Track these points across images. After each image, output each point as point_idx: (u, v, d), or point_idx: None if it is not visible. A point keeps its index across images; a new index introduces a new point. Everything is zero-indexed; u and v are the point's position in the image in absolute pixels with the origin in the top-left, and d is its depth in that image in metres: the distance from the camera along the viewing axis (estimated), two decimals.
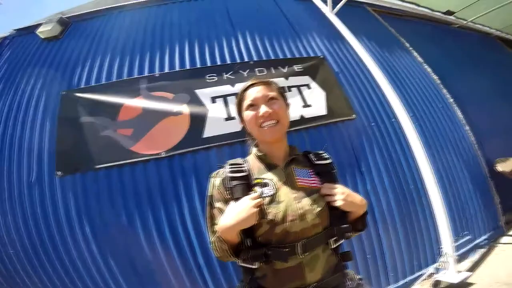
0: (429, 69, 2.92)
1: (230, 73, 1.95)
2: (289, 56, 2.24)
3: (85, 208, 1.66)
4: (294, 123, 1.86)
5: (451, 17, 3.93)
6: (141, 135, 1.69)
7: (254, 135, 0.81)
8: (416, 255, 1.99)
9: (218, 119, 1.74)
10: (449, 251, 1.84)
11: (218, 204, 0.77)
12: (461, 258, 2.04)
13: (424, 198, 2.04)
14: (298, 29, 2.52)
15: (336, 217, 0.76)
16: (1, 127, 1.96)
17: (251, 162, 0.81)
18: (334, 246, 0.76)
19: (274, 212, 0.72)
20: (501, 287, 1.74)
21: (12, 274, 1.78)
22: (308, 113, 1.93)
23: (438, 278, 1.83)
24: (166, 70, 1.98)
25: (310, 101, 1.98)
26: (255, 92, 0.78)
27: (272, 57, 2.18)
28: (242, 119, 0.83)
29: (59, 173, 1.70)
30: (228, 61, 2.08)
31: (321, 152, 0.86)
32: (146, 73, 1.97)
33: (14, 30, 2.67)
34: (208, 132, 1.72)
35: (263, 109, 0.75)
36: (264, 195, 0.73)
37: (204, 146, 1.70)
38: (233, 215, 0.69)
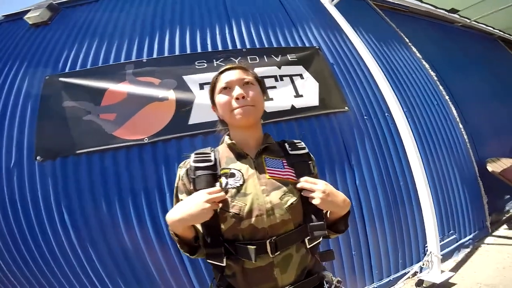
0: (427, 65, 2.92)
1: (220, 60, 1.92)
2: (283, 45, 2.20)
3: (64, 195, 1.62)
4: (284, 113, 1.83)
5: (455, 15, 3.92)
6: (124, 120, 1.66)
7: (226, 120, 0.77)
8: (402, 253, 1.99)
9: (205, 106, 1.71)
10: (434, 250, 1.86)
11: (181, 196, 0.74)
12: (445, 257, 2.05)
13: (413, 195, 2.04)
14: (295, 18, 2.48)
15: (310, 213, 0.71)
16: None
17: (221, 152, 0.77)
18: (310, 245, 0.72)
19: (239, 205, 0.67)
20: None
21: None
22: (300, 103, 1.89)
23: (421, 277, 1.84)
24: (155, 55, 1.95)
25: (302, 91, 1.95)
26: (230, 75, 0.75)
27: (266, 46, 2.15)
28: (214, 104, 0.80)
29: (38, 158, 1.67)
30: (220, 48, 2.04)
31: (296, 141, 0.82)
32: (133, 59, 1.93)
33: (3, 16, 2.65)
34: (194, 119, 1.68)
35: (237, 90, 0.72)
36: (229, 186, 0.69)
37: (190, 132, 1.66)
38: (182, 209, 0.64)
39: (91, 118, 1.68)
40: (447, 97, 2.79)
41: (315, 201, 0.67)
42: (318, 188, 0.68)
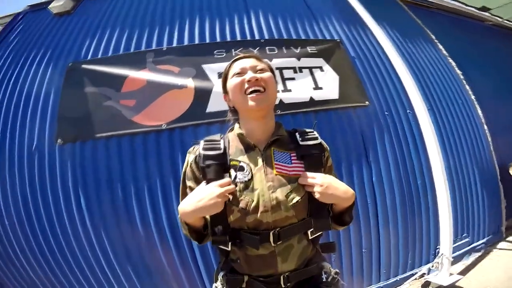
0: (453, 63, 2.86)
1: (239, 49, 1.96)
2: (303, 37, 2.21)
3: (81, 178, 1.71)
4: (303, 104, 1.84)
5: (486, 13, 3.80)
6: (143, 106, 1.73)
7: (237, 104, 0.76)
8: (412, 254, 1.97)
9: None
10: (446, 253, 1.83)
11: (189, 183, 0.76)
12: (455, 260, 2.01)
13: (430, 195, 2.01)
14: (315, 10, 2.48)
15: (315, 208, 0.72)
16: (7, 97, 2.06)
17: (231, 140, 0.77)
18: (312, 237, 0.74)
19: (246, 200, 0.69)
20: None
21: (6, 247, 1.86)
22: (319, 95, 1.89)
23: (428, 279, 1.83)
24: (175, 44, 2.01)
25: (322, 83, 1.95)
26: (244, 62, 0.75)
27: (285, 37, 2.16)
28: (226, 93, 0.80)
29: (59, 141, 1.76)
30: (239, 38, 2.08)
31: (309, 130, 0.80)
32: (154, 47, 2.00)
33: (28, 6, 2.82)
34: (212, 107, 1.72)
35: (250, 73, 0.72)
36: (238, 180, 0.70)
37: (207, 120, 1.70)
38: (194, 201, 0.67)
39: (111, 104, 1.76)
40: (473, 97, 2.72)
41: (316, 196, 0.68)
42: (316, 182, 0.68)
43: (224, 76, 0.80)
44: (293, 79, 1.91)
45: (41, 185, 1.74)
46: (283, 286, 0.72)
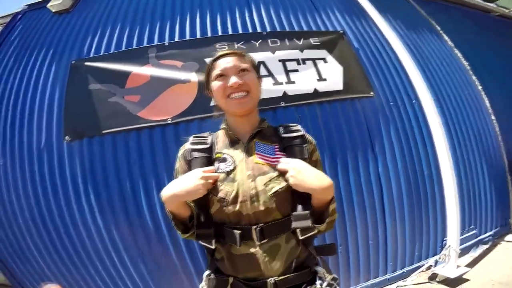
0: (459, 54, 2.88)
1: (241, 42, 2.01)
2: (305, 29, 2.24)
3: (91, 175, 1.78)
4: (307, 96, 1.88)
5: (492, 4, 3.81)
6: (148, 102, 1.78)
7: (221, 107, 0.79)
8: (419, 246, 2.01)
9: None
10: (453, 244, 1.87)
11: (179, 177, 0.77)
12: (462, 252, 2.05)
13: (437, 186, 2.04)
14: (317, 2, 2.49)
15: (298, 202, 0.70)
16: (13, 98, 2.12)
17: (219, 136, 0.81)
18: (302, 237, 0.70)
19: (226, 190, 0.70)
20: (495, 285, 1.77)
21: (21, 244, 1.94)
22: (323, 87, 1.93)
23: (435, 271, 1.87)
24: (176, 39, 2.05)
25: (326, 75, 1.99)
26: (225, 62, 0.75)
27: (287, 29, 2.19)
28: (210, 91, 0.81)
29: (67, 138, 1.83)
30: (240, 31, 2.12)
31: (291, 124, 0.81)
32: (156, 42, 2.04)
33: (26, 5, 2.88)
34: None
35: (233, 79, 0.72)
36: (220, 170, 0.72)
37: (212, 114, 1.76)
38: (177, 184, 0.68)
39: (116, 100, 1.82)
40: (480, 87, 2.75)
41: (290, 181, 0.67)
42: (289, 167, 0.68)
43: (206, 74, 0.81)
44: (296, 71, 1.95)
45: (52, 182, 1.82)
46: None
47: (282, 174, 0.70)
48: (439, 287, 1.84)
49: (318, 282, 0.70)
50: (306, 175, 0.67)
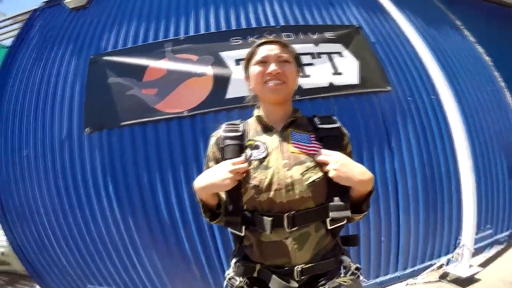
0: (481, 50, 2.82)
1: (255, 36, 2.04)
2: (320, 23, 2.25)
3: (109, 165, 1.86)
4: (322, 90, 1.89)
5: None
6: (165, 95, 1.85)
7: (256, 92, 0.80)
8: (432, 244, 1.99)
9: (242, 81, 1.84)
10: (467, 244, 1.85)
11: (211, 164, 0.80)
12: (476, 252, 2.02)
13: (455, 184, 2.01)
14: None
15: (334, 193, 0.71)
16: (35, 91, 2.24)
17: (250, 124, 0.82)
18: (331, 227, 0.72)
19: (259, 177, 0.71)
20: (506, 286, 1.75)
21: (41, 233, 2.05)
22: (338, 81, 1.94)
23: (447, 270, 1.85)
24: (191, 33, 2.10)
25: (342, 69, 1.99)
26: (268, 50, 0.76)
27: (301, 23, 2.21)
28: (247, 75, 0.83)
29: (87, 130, 1.92)
30: (254, 25, 2.15)
31: (328, 115, 0.82)
32: (171, 37, 2.10)
33: (43, 2, 3.01)
34: (231, 93, 1.82)
35: (272, 67, 0.73)
36: (252, 158, 0.73)
37: (227, 106, 1.80)
38: (207, 177, 0.71)
39: (134, 93, 1.89)
40: (502, 84, 2.69)
41: (330, 174, 0.68)
42: (331, 159, 0.69)
43: (247, 59, 0.82)
44: (311, 64, 1.96)
45: (72, 172, 1.91)
46: (296, 279, 0.70)
47: (319, 164, 0.71)
48: (449, 286, 1.83)
49: (342, 271, 0.72)
50: (348, 169, 0.68)
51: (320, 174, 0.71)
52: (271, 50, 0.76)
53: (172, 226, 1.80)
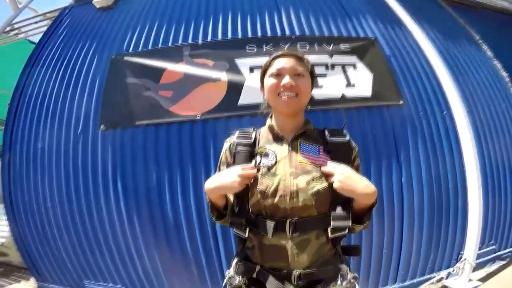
0: (498, 65, 2.78)
1: (270, 45, 2.10)
2: (335, 34, 2.28)
3: (120, 163, 1.93)
4: (334, 101, 1.91)
5: None
6: (180, 97, 1.92)
7: (270, 102, 0.84)
8: (433, 257, 1.98)
9: (255, 88, 1.89)
10: (469, 258, 1.84)
11: (222, 167, 0.86)
12: (477, 267, 1.98)
13: (461, 200, 2.00)
14: (348, 8, 2.51)
15: (337, 203, 0.74)
16: (57, 87, 2.36)
17: (262, 132, 0.86)
18: (332, 236, 0.74)
19: (266, 183, 0.75)
20: None
21: (45, 226, 2.13)
22: (351, 93, 1.95)
23: (446, 284, 1.85)
24: (209, 39, 2.18)
25: (354, 81, 2.01)
26: (283, 63, 0.79)
27: (317, 34, 2.24)
28: (262, 85, 0.86)
29: (102, 126, 2.01)
30: (269, 34, 2.20)
31: (338, 129, 0.84)
32: (189, 41, 2.18)
33: (73, 0, 3.19)
34: (243, 100, 1.87)
35: (286, 79, 0.76)
36: (262, 165, 0.77)
37: (238, 113, 1.85)
38: (218, 179, 0.76)
39: (150, 94, 1.98)
40: None
41: (335, 185, 0.70)
42: (337, 171, 0.71)
43: (263, 70, 0.85)
44: (324, 75, 2.00)
45: (83, 167, 2.00)
46: (293, 283, 0.73)
47: (325, 174, 0.74)
48: None
49: (339, 279, 0.74)
50: (352, 182, 0.71)
51: (325, 184, 0.74)
52: (286, 63, 0.79)
53: (175, 226, 1.84)
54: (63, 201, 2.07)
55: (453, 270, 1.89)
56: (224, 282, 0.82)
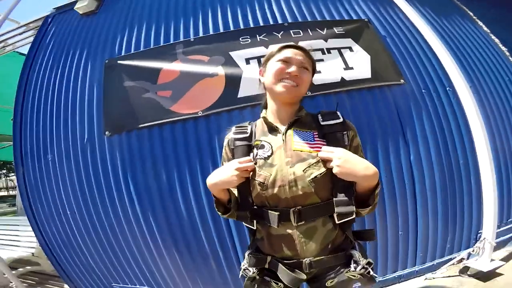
0: (496, 40, 2.76)
1: (263, 35, 2.08)
2: (328, 18, 2.26)
3: (130, 166, 1.94)
4: (334, 85, 1.91)
5: None
6: (179, 96, 1.91)
7: (269, 84, 0.84)
8: (451, 238, 1.97)
9: (253, 79, 1.88)
10: (488, 237, 1.81)
11: (224, 164, 0.89)
12: (498, 246, 1.98)
13: (474, 176, 1.98)
14: None
15: (339, 188, 0.73)
16: (56, 98, 2.33)
17: (257, 125, 0.88)
18: (339, 221, 0.74)
19: (264, 175, 0.77)
20: None
21: (68, 234, 2.15)
22: (350, 75, 1.95)
23: (467, 264, 1.82)
24: (201, 34, 2.15)
25: (352, 63, 2.00)
26: (293, 53, 0.81)
27: (309, 19, 2.22)
28: (264, 69, 0.87)
29: (107, 133, 2.01)
30: (261, 23, 2.18)
31: (331, 111, 0.84)
32: (181, 38, 2.16)
33: (53, 8, 3.11)
34: (242, 92, 1.86)
35: (293, 68, 0.79)
36: (258, 157, 0.79)
37: (239, 105, 1.85)
38: (217, 174, 0.78)
39: (149, 96, 1.96)
40: None
41: (334, 170, 0.70)
42: (334, 156, 0.70)
43: (268, 56, 0.86)
44: (321, 60, 1.98)
45: (95, 174, 2.01)
46: (305, 271, 0.75)
47: (323, 160, 0.74)
48: (469, 280, 1.80)
49: (352, 265, 0.74)
50: (352, 165, 0.69)
51: (322, 170, 0.74)
52: (296, 54, 0.82)
53: (190, 223, 1.87)
54: (81, 209, 2.10)
55: (473, 251, 1.88)
56: (240, 274, 0.84)
